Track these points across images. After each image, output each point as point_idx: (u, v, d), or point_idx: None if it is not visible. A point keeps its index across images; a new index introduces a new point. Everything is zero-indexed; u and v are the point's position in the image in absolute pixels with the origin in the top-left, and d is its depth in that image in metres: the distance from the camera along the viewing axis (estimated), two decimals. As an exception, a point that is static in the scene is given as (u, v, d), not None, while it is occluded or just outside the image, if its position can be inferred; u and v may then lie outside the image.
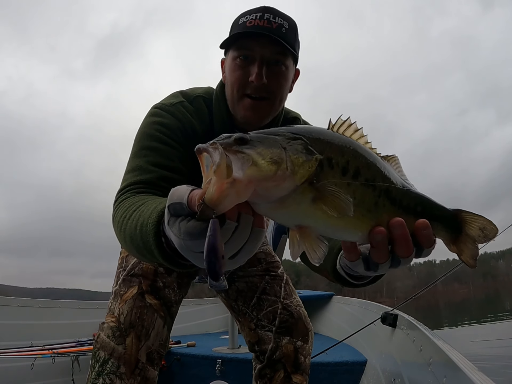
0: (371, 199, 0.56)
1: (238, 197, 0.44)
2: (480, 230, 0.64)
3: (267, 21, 0.95)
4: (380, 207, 0.57)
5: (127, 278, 1.14)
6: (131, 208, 0.77)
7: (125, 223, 0.76)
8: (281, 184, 0.46)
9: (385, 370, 1.74)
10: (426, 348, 1.20)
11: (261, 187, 0.45)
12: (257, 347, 1.31)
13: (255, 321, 1.31)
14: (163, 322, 1.12)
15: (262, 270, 1.37)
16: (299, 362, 1.26)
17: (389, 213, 0.58)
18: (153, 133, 0.97)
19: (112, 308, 1.11)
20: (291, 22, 0.99)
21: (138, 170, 0.92)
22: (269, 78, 0.97)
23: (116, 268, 1.22)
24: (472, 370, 0.79)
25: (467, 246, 0.64)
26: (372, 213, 0.56)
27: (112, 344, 1.03)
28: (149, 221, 0.65)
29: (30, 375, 2.26)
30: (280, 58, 0.98)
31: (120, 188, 0.92)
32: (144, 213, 0.69)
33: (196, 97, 1.08)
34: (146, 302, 1.09)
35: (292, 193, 0.48)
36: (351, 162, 0.55)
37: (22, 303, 2.77)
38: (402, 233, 0.57)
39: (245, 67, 0.97)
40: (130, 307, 1.07)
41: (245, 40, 0.97)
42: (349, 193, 0.51)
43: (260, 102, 0.99)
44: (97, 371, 1.03)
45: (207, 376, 2.33)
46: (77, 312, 3.09)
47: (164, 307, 1.13)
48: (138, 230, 0.69)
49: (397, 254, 0.60)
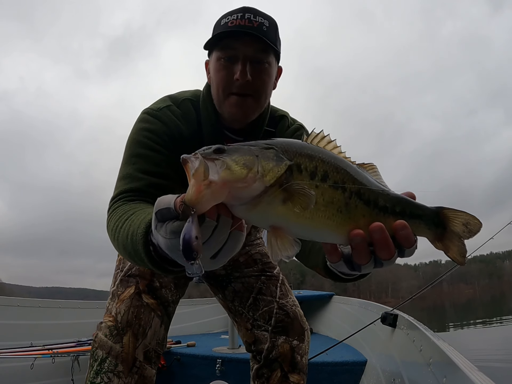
0: (341, 200, 0.58)
1: (214, 197, 0.49)
2: (464, 226, 0.63)
3: (248, 21, 0.97)
4: (352, 208, 0.58)
5: (124, 278, 1.15)
6: (123, 217, 0.82)
7: (118, 232, 0.80)
8: (251, 185, 0.51)
9: (385, 370, 1.75)
10: (426, 348, 1.20)
11: (234, 188, 0.50)
12: (254, 347, 1.31)
13: (252, 321, 1.32)
14: (160, 321, 1.13)
15: (258, 271, 1.38)
16: (295, 362, 1.27)
17: (364, 214, 0.59)
18: (141, 140, 1.01)
19: (109, 308, 1.12)
20: (271, 21, 1.01)
21: (128, 178, 0.96)
22: (253, 75, 0.99)
23: (114, 269, 1.23)
24: (472, 370, 0.79)
25: (453, 242, 0.64)
26: (344, 214, 0.58)
27: (109, 343, 1.05)
28: (138, 231, 0.69)
29: (30, 375, 2.26)
30: (263, 56, 1.00)
31: (112, 196, 0.96)
32: (134, 223, 0.74)
33: (184, 100, 1.10)
34: (143, 301, 1.11)
35: (264, 195, 0.52)
36: (319, 167, 0.57)
37: (22, 303, 2.77)
38: (381, 237, 0.58)
39: (229, 66, 0.99)
40: (127, 307, 1.08)
41: (228, 40, 0.98)
42: (317, 195, 0.54)
43: (245, 99, 1.01)
44: (95, 370, 1.04)
45: (207, 376, 2.33)
46: (77, 312, 3.09)
47: (161, 306, 1.14)
48: (129, 240, 0.73)
49: (379, 257, 0.61)
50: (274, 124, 1.18)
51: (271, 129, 1.16)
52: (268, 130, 1.15)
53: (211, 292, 1.48)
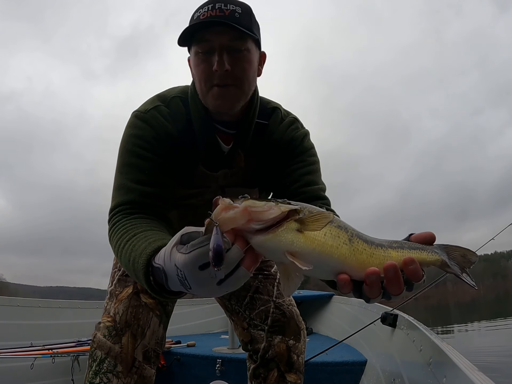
0: (345, 236, 0.64)
1: (235, 218, 0.57)
2: (463, 257, 0.72)
3: (219, 10, 0.95)
4: (355, 242, 0.64)
5: (122, 278, 1.16)
6: (124, 237, 0.88)
7: (120, 251, 0.87)
8: (269, 210, 0.59)
9: (385, 370, 1.75)
10: (426, 348, 1.20)
11: (253, 213, 0.58)
12: (250, 346, 1.31)
13: (248, 320, 1.31)
14: (159, 321, 1.13)
15: (256, 269, 1.37)
16: (292, 361, 1.27)
17: (365, 248, 0.65)
18: (131, 148, 1.04)
19: (108, 308, 1.12)
20: (244, 6, 1.00)
21: (123, 189, 1.01)
22: (232, 64, 0.98)
23: (112, 268, 1.23)
24: (472, 370, 0.79)
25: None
26: (348, 246, 0.63)
27: (108, 343, 1.04)
28: (140, 261, 0.75)
29: (30, 375, 2.26)
30: (239, 44, 0.98)
31: (111, 208, 1.01)
32: (136, 249, 0.80)
33: (173, 98, 1.10)
34: (141, 301, 1.10)
35: (281, 226, 0.60)
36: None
37: (22, 303, 2.77)
38: (394, 275, 0.64)
39: (207, 59, 0.98)
40: (125, 307, 1.08)
41: (202, 33, 0.97)
42: (326, 231, 0.62)
43: (227, 89, 1.00)
44: (94, 370, 1.04)
45: (207, 376, 2.33)
46: (77, 312, 3.09)
47: (160, 305, 1.14)
48: (130, 264, 0.80)
49: (389, 292, 0.66)
50: (267, 117, 1.17)
51: (263, 122, 1.15)
52: (260, 123, 1.14)
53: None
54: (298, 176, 1.12)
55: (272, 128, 1.16)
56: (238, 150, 1.13)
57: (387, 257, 0.65)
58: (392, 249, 0.67)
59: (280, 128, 1.16)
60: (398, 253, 0.67)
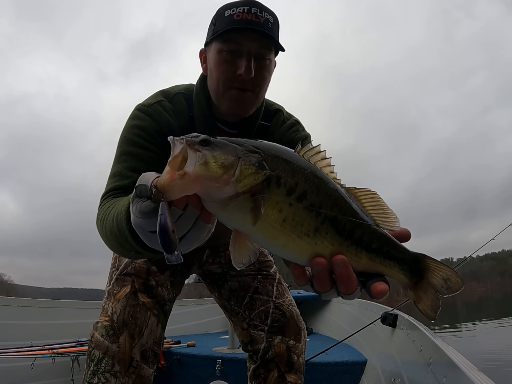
0: (312, 224, 0.55)
1: (184, 189, 0.49)
2: (444, 281, 0.59)
3: (254, 15, 0.95)
4: (322, 234, 0.55)
5: (120, 277, 1.15)
6: (110, 207, 0.85)
7: (105, 219, 0.83)
8: (223, 187, 0.50)
9: (385, 370, 1.74)
10: (426, 348, 1.20)
11: (205, 186, 0.50)
12: (250, 346, 1.31)
13: (248, 321, 1.31)
14: (157, 320, 1.13)
15: (255, 270, 1.37)
16: (292, 361, 1.26)
17: (334, 243, 0.56)
18: (131, 138, 1.02)
19: (105, 308, 1.12)
20: (275, 17, 1.01)
21: (118, 176, 0.99)
22: (256, 71, 0.98)
23: (110, 267, 1.23)
24: (472, 370, 0.79)
25: (427, 295, 0.60)
26: (310, 238, 0.55)
27: (106, 343, 1.04)
28: (122, 208, 0.73)
29: (30, 375, 2.26)
30: (266, 53, 1.00)
31: (103, 193, 0.98)
32: (119, 204, 0.77)
33: (176, 94, 1.11)
34: (139, 300, 1.11)
35: (234, 199, 0.51)
36: (299, 185, 0.54)
37: (22, 303, 2.78)
38: (343, 271, 0.55)
39: (233, 60, 0.98)
40: (123, 306, 1.08)
41: (233, 34, 0.97)
42: (288, 214, 0.53)
43: (245, 93, 1.01)
44: (92, 370, 1.04)
45: (207, 376, 2.33)
46: (77, 312, 3.09)
47: (157, 305, 1.14)
48: (114, 221, 0.76)
49: (339, 290, 0.58)
50: (269, 118, 1.17)
51: (265, 123, 1.15)
52: (262, 124, 1.14)
53: (208, 290, 1.48)
54: None
55: (273, 130, 1.17)
56: None
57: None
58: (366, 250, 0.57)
59: (281, 130, 1.17)
60: (366, 255, 0.57)
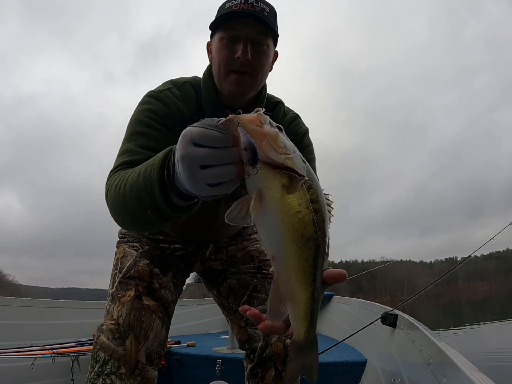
0: (307, 235, 0.54)
1: (255, 132, 0.56)
2: (305, 367, 0.58)
3: (250, 5, 1.04)
4: (310, 246, 0.54)
5: (124, 280, 1.16)
6: (130, 171, 0.84)
7: (123, 180, 0.83)
8: (278, 155, 0.56)
9: (385, 370, 1.75)
10: (426, 348, 1.20)
11: (267, 144, 0.56)
12: (247, 345, 1.31)
13: (245, 319, 1.31)
14: (161, 323, 1.14)
15: (255, 268, 1.38)
16: None
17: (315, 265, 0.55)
18: (142, 119, 1.06)
19: (110, 311, 1.12)
20: (271, 8, 1.09)
21: (128, 153, 1.00)
22: (253, 55, 1.06)
23: (112, 269, 1.24)
24: (472, 370, 0.79)
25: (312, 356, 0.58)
26: (301, 247, 0.54)
27: (112, 345, 1.05)
28: (156, 160, 0.72)
29: (30, 375, 2.26)
30: (263, 38, 1.07)
31: (112, 169, 0.98)
32: (148, 161, 0.76)
33: (184, 83, 1.17)
34: (143, 304, 1.11)
35: (276, 171, 0.55)
36: (318, 202, 0.56)
37: (22, 303, 2.78)
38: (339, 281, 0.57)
39: (232, 45, 1.06)
40: (128, 310, 1.09)
41: (231, 22, 1.06)
42: (301, 211, 0.54)
43: (243, 76, 1.08)
44: (97, 371, 1.04)
45: (207, 376, 2.33)
46: (77, 312, 3.09)
47: (162, 307, 1.15)
48: (141, 175, 0.76)
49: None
50: (271, 109, 1.25)
51: (268, 113, 1.19)
52: (266, 113, 1.19)
53: (206, 288, 1.48)
54: None
55: (275, 120, 1.20)
56: None
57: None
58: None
59: (283, 122, 1.22)
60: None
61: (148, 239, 1.29)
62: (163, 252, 1.29)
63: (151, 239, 1.29)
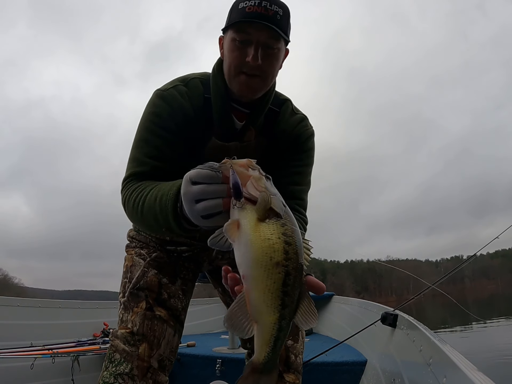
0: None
1: (243, 177, 0.64)
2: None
3: (264, 8, 1.05)
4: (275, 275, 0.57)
5: (134, 291, 1.20)
6: (146, 189, 0.97)
7: (141, 199, 0.96)
8: (256, 192, 0.63)
9: (385, 370, 1.75)
10: (426, 348, 1.20)
11: (249, 184, 0.64)
12: (249, 344, 1.33)
13: None
14: (174, 331, 1.19)
15: None
16: (290, 361, 1.26)
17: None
18: (148, 126, 1.14)
19: (124, 320, 1.17)
20: (285, 9, 1.09)
21: (136, 161, 1.12)
22: (263, 59, 1.07)
23: (122, 276, 1.27)
24: (472, 370, 0.79)
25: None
26: (268, 272, 0.56)
27: (127, 349, 1.11)
28: (170, 192, 0.84)
29: (30, 375, 2.26)
30: (274, 42, 1.09)
31: (124, 177, 1.11)
32: (163, 189, 0.89)
33: (192, 79, 1.20)
34: (156, 314, 1.17)
35: (251, 204, 0.62)
36: (292, 238, 0.60)
37: (22, 303, 2.77)
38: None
39: (243, 48, 1.08)
40: (141, 319, 1.15)
41: (244, 24, 1.07)
42: (277, 242, 0.58)
43: (253, 78, 1.10)
44: (111, 371, 1.09)
45: (207, 376, 2.33)
46: (77, 312, 3.09)
47: (172, 317, 1.20)
48: (157, 201, 0.88)
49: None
50: (279, 106, 1.26)
51: (276, 109, 1.25)
52: (272, 109, 1.23)
53: (213, 285, 1.50)
54: (289, 172, 1.22)
55: (282, 117, 1.25)
56: (250, 126, 1.21)
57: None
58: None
59: (290, 121, 1.25)
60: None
61: (155, 241, 1.30)
62: (170, 256, 1.30)
63: (158, 241, 1.30)
